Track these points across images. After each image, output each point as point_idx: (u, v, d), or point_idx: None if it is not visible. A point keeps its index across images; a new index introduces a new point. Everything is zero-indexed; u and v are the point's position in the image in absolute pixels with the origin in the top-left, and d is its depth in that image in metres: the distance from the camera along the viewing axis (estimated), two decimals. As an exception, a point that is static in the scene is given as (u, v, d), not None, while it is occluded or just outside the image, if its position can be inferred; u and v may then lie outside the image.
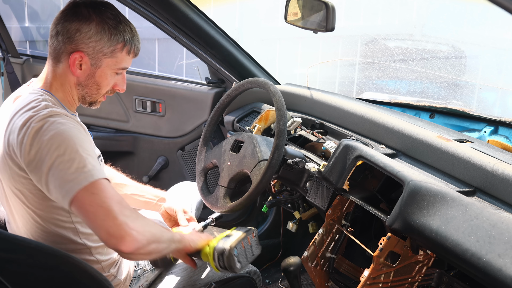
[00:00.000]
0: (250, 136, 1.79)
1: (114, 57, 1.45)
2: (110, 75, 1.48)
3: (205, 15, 2.24)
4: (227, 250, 1.45)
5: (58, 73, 1.44)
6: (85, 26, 1.40)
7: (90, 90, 1.48)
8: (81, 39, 1.40)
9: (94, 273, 1.28)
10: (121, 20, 1.45)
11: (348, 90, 3.55)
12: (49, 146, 1.27)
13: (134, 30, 1.49)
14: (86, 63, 1.43)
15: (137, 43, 1.50)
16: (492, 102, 2.85)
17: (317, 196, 1.71)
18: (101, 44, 1.42)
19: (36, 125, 1.29)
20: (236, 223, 2.75)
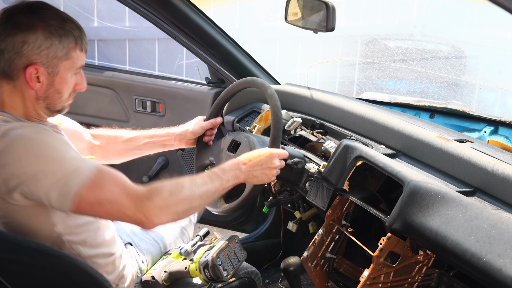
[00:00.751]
0: (247, 137, 1.78)
1: (69, 58, 1.34)
2: (70, 78, 1.38)
3: (205, 15, 2.24)
4: (210, 261, 1.52)
5: (13, 92, 1.33)
6: (31, 36, 1.28)
7: (52, 100, 1.37)
8: (30, 50, 1.28)
9: (94, 273, 1.28)
10: (64, 18, 1.34)
11: (348, 90, 3.54)
12: (21, 162, 1.20)
13: (79, 25, 1.38)
14: (43, 74, 1.32)
15: (85, 38, 1.39)
16: (492, 102, 2.85)
17: (317, 196, 1.71)
18: (53, 49, 1.31)
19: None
20: (236, 223, 2.76)
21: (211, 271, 1.53)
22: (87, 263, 1.43)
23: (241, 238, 2.74)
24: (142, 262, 1.70)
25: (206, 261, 1.53)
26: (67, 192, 1.20)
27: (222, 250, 1.57)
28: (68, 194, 1.20)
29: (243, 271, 1.73)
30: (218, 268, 1.53)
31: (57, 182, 1.20)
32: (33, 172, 1.21)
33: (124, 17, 3.76)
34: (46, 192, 1.21)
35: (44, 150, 1.23)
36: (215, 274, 1.53)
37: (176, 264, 1.62)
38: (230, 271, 1.58)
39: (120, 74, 2.81)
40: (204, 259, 1.54)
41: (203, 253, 1.58)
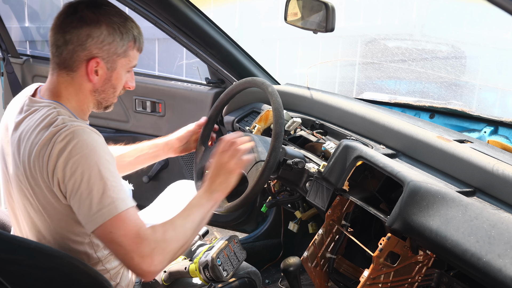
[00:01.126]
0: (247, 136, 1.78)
1: (127, 56, 1.41)
2: (124, 75, 1.45)
3: (205, 15, 2.24)
4: (210, 262, 1.51)
5: (71, 83, 1.38)
6: (96, 30, 1.34)
7: (107, 94, 1.44)
8: (94, 44, 1.34)
9: (94, 274, 1.28)
10: (126, 16, 1.41)
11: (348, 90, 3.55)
12: (74, 169, 1.24)
13: (137, 25, 1.45)
14: (103, 68, 1.38)
15: (142, 38, 1.46)
16: (492, 102, 2.85)
17: (317, 196, 1.71)
18: (114, 45, 1.37)
19: (60, 144, 1.25)
20: (236, 223, 2.76)
21: (210, 271, 1.52)
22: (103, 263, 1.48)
23: (241, 238, 2.74)
24: None
25: (206, 261, 1.53)
26: (97, 219, 1.24)
27: (222, 250, 1.57)
28: (97, 221, 1.24)
29: (243, 271, 1.73)
30: (218, 268, 1.52)
31: (92, 207, 1.24)
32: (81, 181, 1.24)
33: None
34: (79, 207, 1.26)
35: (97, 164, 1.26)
36: (215, 275, 1.52)
37: (175, 264, 1.62)
38: (230, 271, 1.57)
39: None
40: (203, 259, 1.54)
41: (203, 253, 1.58)
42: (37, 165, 1.29)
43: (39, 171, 1.29)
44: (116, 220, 1.23)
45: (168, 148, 1.87)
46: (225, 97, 1.92)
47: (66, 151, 1.25)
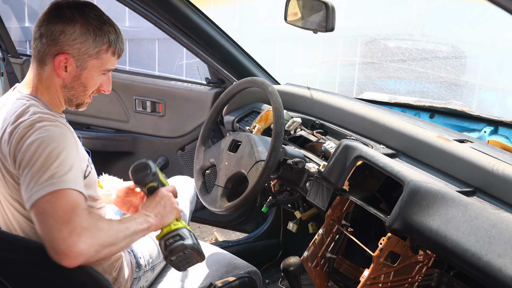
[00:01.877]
0: (247, 136, 1.79)
1: (99, 58, 1.43)
2: (97, 76, 1.46)
3: (205, 15, 2.24)
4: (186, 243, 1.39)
5: (43, 76, 1.42)
6: (70, 28, 1.38)
7: (76, 92, 1.46)
8: (65, 41, 1.38)
9: (94, 273, 1.28)
10: (105, 20, 1.43)
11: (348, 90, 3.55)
12: (31, 149, 1.24)
13: (118, 30, 1.47)
14: (72, 65, 1.41)
15: (121, 44, 1.48)
16: (492, 102, 2.85)
17: (317, 196, 1.71)
18: (86, 45, 1.40)
19: (24, 130, 1.28)
20: (236, 223, 2.76)
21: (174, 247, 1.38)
22: None
23: (241, 238, 2.74)
24: (140, 258, 1.71)
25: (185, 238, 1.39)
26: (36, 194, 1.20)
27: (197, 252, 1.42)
28: (36, 195, 1.20)
29: (243, 271, 1.73)
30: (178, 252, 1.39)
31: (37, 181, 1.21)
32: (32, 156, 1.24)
33: (124, 17, 3.77)
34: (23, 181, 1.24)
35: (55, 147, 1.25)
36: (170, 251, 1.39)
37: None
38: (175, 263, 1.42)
39: (120, 74, 2.81)
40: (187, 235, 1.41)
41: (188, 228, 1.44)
42: (6, 152, 1.31)
43: (5, 159, 1.32)
44: (57, 193, 1.19)
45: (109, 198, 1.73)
46: (225, 97, 1.92)
47: (28, 133, 1.27)
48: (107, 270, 1.54)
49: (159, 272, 1.81)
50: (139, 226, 1.34)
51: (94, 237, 1.19)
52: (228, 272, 1.75)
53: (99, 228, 1.21)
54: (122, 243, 1.27)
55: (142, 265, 1.72)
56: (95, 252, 1.19)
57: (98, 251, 1.19)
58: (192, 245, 1.40)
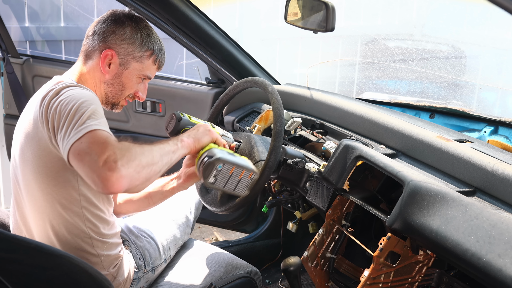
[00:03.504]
0: (248, 135, 1.79)
1: (141, 62, 1.55)
2: (135, 80, 1.56)
3: (205, 15, 2.24)
4: (213, 159, 1.36)
5: (87, 69, 1.54)
6: (120, 29, 1.52)
7: (115, 89, 1.56)
8: (115, 40, 1.51)
9: (94, 273, 1.28)
10: (153, 32, 1.58)
11: (348, 90, 3.55)
12: (63, 104, 1.32)
13: (162, 44, 1.60)
14: (115, 63, 1.52)
15: (163, 56, 1.61)
16: (492, 102, 2.85)
17: (317, 196, 1.71)
18: (132, 47, 1.52)
19: (57, 89, 1.37)
20: (236, 223, 2.75)
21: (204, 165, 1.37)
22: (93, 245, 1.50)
23: (241, 238, 2.74)
24: (139, 259, 1.71)
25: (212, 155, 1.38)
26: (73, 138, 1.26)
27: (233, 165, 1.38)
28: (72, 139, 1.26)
29: (243, 271, 1.73)
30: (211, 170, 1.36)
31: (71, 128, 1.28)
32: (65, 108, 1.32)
33: (124, 17, 3.76)
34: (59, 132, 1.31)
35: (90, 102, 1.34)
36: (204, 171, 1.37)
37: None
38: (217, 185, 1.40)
39: (120, 74, 2.80)
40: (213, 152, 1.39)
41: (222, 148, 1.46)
42: (39, 115, 1.38)
43: (40, 121, 1.37)
44: (89, 134, 1.25)
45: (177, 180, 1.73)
46: (226, 97, 1.92)
47: (59, 93, 1.36)
48: (105, 266, 1.54)
49: (160, 273, 1.81)
50: (173, 146, 1.40)
51: (130, 158, 1.23)
52: (228, 272, 1.75)
53: (133, 151, 1.25)
54: (161, 162, 1.32)
55: (142, 266, 1.72)
56: (136, 172, 1.23)
57: (138, 171, 1.24)
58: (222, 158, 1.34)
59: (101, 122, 1.32)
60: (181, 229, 1.91)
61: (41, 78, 2.89)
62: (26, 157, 1.44)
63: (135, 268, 1.69)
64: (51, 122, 1.34)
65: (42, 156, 1.41)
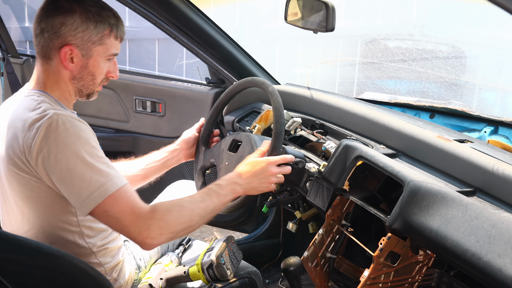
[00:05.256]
0: (248, 135, 1.79)
1: (103, 44, 1.43)
2: (103, 63, 1.46)
3: (205, 15, 2.24)
4: (214, 261, 1.52)
5: (51, 71, 1.42)
6: (69, 18, 1.37)
7: (86, 81, 1.46)
8: (67, 32, 1.38)
9: (94, 273, 1.28)
10: (103, 6, 1.43)
11: (348, 90, 3.55)
12: (59, 158, 1.28)
13: (117, 14, 1.47)
14: (77, 55, 1.41)
15: (122, 27, 1.48)
16: (492, 102, 2.85)
17: (317, 196, 1.71)
18: (88, 33, 1.39)
19: (43, 132, 1.29)
20: (236, 223, 2.75)
21: (215, 270, 1.53)
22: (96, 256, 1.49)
23: (241, 238, 2.74)
24: (140, 260, 1.71)
25: (209, 261, 1.54)
26: (88, 204, 1.28)
27: (224, 250, 1.58)
28: (89, 206, 1.29)
29: (243, 271, 1.73)
30: (223, 267, 1.54)
31: (82, 193, 1.28)
32: (67, 168, 1.28)
33: (124, 17, 3.76)
34: (69, 194, 1.31)
35: (81, 151, 1.30)
36: (220, 273, 1.54)
37: (172, 271, 1.63)
38: (232, 270, 1.59)
39: (120, 74, 2.80)
40: (207, 259, 1.55)
41: (203, 254, 1.59)
42: (19, 151, 1.32)
43: (20, 158, 1.32)
44: (109, 201, 1.28)
45: (178, 153, 1.87)
46: (225, 97, 1.92)
47: (50, 139, 1.28)
48: (108, 272, 1.54)
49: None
50: (222, 200, 1.44)
51: (163, 228, 1.30)
52: (228, 272, 1.75)
53: (166, 220, 1.31)
54: (199, 222, 1.38)
55: (143, 266, 1.72)
56: (169, 239, 1.32)
57: (172, 236, 1.32)
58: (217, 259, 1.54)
59: (110, 172, 1.31)
60: None
61: (41, 78, 2.88)
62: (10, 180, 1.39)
63: (136, 269, 1.69)
64: (48, 173, 1.30)
65: (32, 190, 1.36)
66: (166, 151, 1.87)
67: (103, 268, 1.52)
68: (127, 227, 1.28)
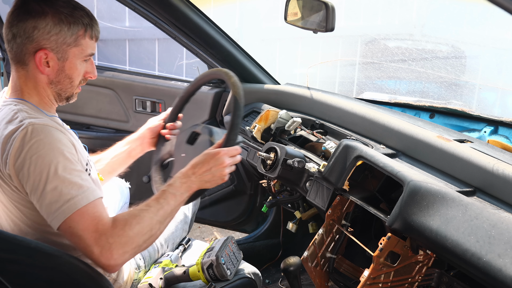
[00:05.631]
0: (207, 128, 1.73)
1: (78, 45, 1.38)
2: (80, 64, 1.41)
3: (205, 15, 2.24)
4: (214, 261, 1.53)
5: (27, 77, 1.38)
6: (41, 21, 1.33)
7: (63, 85, 1.42)
8: (40, 35, 1.33)
9: (94, 273, 1.28)
10: (75, 6, 1.38)
11: (348, 90, 3.54)
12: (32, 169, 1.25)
13: (90, 13, 1.42)
14: (53, 59, 1.36)
15: (97, 26, 1.43)
16: (492, 102, 2.85)
17: (317, 196, 1.71)
18: (62, 35, 1.35)
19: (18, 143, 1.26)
20: (236, 223, 2.76)
21: (216, 270, 1.54)
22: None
23: (241, 238, 2.74)
24: (139, 259, 1.71)
25: (210, 261, 1.54)
26: (58, 217, 1.25)
27: (224, 250, 1.59)
28: (58, 219, 1.25)
29: (243, 271, 1.73)
30: (223, 267, 1.54)
31: (52, 206, 1.25)
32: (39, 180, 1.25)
33: (124, 17, 3.77)
34: (40, 206, 1.27)
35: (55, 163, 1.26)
36: (220, 273, 1.54)
37: (171, 271, 1.63)
38: (232, 270, 1.60)
39: (120, 74, 2.81)
40: (207, 259, 1.55)
41: (203, 254, 1.59)
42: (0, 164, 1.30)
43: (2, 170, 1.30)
44: (75, 216, 1.23)
45: (141, 142, 1.82)
46: (192, 88, 1.82)
47: (23, 150, 1.25)
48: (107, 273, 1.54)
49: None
50: (178, 200, 1.38)
51: (126, 245, 1.24)
52: (228, 272, 1.75)
53: (128, 235, 1.25)
54: (160, 229, 1.33)
55: (143, 266, 1.72)
56: (133, 254, 1.27)
57: (136, 252, 1.27)
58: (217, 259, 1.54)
59: (81, 188, 1.26)
60: (179, 226, 1.91)
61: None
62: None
63: (136, 269, 1.69)
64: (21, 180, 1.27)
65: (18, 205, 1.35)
66: (129, 141, 1.83)
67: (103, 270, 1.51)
68: (89, 246, 1.22)
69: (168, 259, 1.73)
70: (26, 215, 1.36)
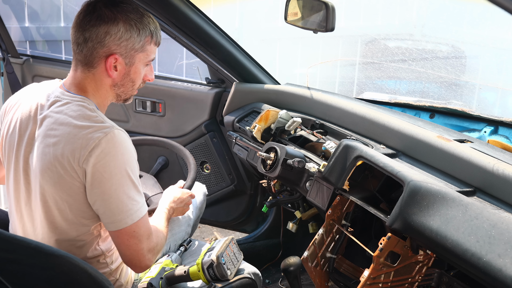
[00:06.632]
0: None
1: (144, 51, 1.46)
2: (143, 69, 1.50)
3: (205, 15, 2.24)
4: (215, 261, 1.55)
5: (93, 79, 1.44)
6: (113, 28, 1.39)
7: (126, 88, 1.50)
8: (112, 41, 1.40)
9: (94, 273, 1.28)
10: (142, 12, 1.45)
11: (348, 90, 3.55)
12: (104, 167, 1.33)
13: (154, 19, 1.49)
14: (121, 64, 1.43)
15: (160, 32, 1.51)
16: (492, 102, 2.85)
17: (317, 196, 1.71)
18: (132, 41, 1.42)
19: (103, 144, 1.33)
20: (236, 223, 2.76)
21: (216, 270, 1.55)
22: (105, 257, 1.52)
23: (241, 238, 2.74)
24: None
25: (210, 260, 1.55)
26: (118, 224, 1.37)
27: (224, 250, 1.59)
28: (118, 226, 1.38)
29: (243, 271, 1.73)
30: (223, 267, 1.55)
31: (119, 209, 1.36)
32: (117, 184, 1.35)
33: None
34: (103, 205, 1.37)
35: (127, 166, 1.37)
36: (220, 273, 1.55)
37: (172, 270, 1.63)
38: (233, 270, 1.60)
39: (120, 74, 2.80)
40: (207, 259, 1.56)
41: (204, 254, 1.59)
42: (70, 155, 1.34)
43: (70, 161, 1.34)
44: (139, 223, 1.38)
45: None
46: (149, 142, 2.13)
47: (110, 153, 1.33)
48: (112, 272, 1.54)
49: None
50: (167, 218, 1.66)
51: (156, 254, 1.46)
52: (228, 272, 1.75)
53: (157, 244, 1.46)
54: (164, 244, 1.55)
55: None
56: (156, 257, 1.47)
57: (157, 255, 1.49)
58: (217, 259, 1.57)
59: (142, 198, 1.41)
60: (182, 228, 1.91)
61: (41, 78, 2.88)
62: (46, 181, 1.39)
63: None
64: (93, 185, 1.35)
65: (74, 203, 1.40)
66: None
67: (109, 269, 1.52)
68: (142, 250, 1.39)
69: (168, 259, 1.73)
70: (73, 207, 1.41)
